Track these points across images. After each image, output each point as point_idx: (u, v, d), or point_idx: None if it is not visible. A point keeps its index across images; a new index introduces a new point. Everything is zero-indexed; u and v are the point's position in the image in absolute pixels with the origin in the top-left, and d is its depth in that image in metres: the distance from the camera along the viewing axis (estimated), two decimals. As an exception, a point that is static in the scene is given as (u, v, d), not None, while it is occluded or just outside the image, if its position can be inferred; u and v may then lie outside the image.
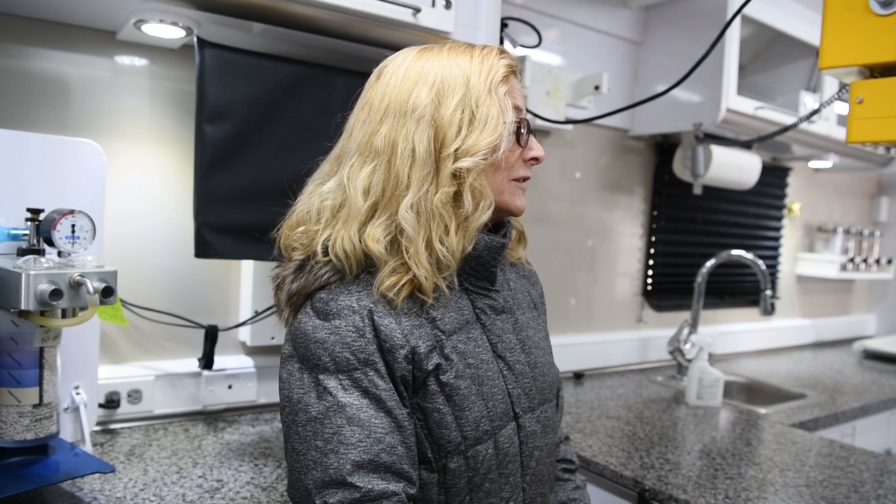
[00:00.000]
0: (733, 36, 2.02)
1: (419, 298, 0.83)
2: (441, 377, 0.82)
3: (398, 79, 0.85)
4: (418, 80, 0.84)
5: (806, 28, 2.22)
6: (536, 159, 0.92)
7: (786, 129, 1.80)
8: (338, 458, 0.76)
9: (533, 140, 0.92)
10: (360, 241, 0.81)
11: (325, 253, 0.83)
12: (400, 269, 0.81)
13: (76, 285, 0.95)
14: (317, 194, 0.87)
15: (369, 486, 0.76)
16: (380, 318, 0.80)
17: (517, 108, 0.89)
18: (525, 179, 0.92)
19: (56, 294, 0.93)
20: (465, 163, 0.82)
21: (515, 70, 0.90)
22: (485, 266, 0.89)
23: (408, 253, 0.81)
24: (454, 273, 0.85)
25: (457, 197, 0.83)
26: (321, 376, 0.79)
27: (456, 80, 0.84)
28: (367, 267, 0.83)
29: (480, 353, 0.87)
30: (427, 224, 0.81)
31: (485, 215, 0.85)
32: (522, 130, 0.89)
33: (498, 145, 0.84)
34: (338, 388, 0.78)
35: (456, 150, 0.82)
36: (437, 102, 0.83)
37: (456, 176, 0.82)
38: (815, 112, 1.75)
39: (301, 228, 0.86)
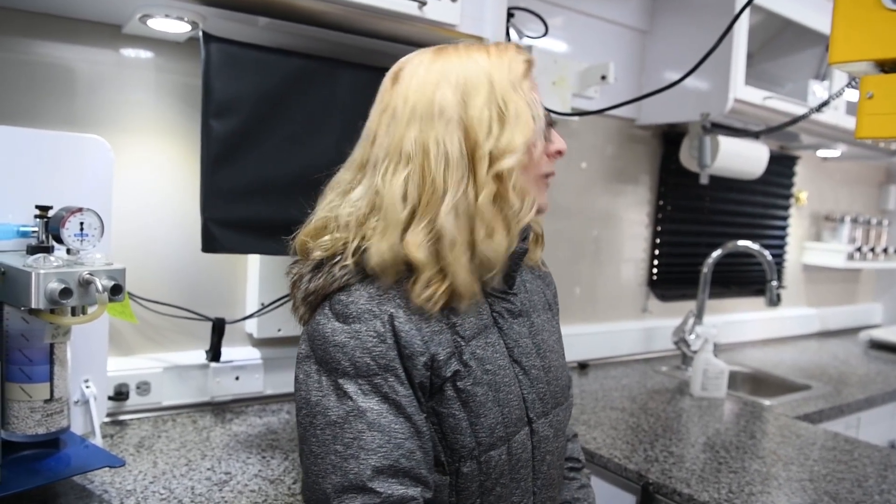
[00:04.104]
0: (742, 25, 2.00)
1: (444, 305, 0.82)
2: (458, 384, 0.82)
3: (419, 81, 0.84)
4: (440, 81, 0.82)
5: (815, 16, 2.20)
6: (560, 152, 0.91)
7: (794, 121, 1.78)
8: (358, 463, 0.76)
9: (554, 133, 0.91)
10: (401, 248, 0.79)
11: (355, 255, 0.82)
12: (436, 279, 0.80)
13: (85, 283, 0.96)
14: (344, 202, 0.85)
15: (389, 492, 0.76)
16: (400, 325, 0.79)
17: (540, 103, 0.88)
18: (549, 175, 0.91)
19: (66, 293, 0.93)
20: (507, 162, 0.80)
21: (533, 65, 0.89)
22: (506, 271, 0.89)
23: (447, 258, 0.79)
24: (499, 274, 0.84)
25: (497, 197, 0.82)
26: (340, 380, 0.78)
27: (478, 78, 0.82)
28: (401, 276, 0.82)
29: (498, 358, 0.87)
30: (469, 226, 0.80)
31: (530, 214, 0.84)
32: (549, 124, 0.89)
33: (534, 141, 0.84)
34: (357, 392, 0.78)
35: (491, 149, 0.80)
36: (464, 102, 0.81)
37: (498, 176, 0.81)
38: (824, 104, 1.73)
39: (326, 237, 0.84)
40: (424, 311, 0.81)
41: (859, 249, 3.14)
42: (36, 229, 1.04)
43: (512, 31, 1.86)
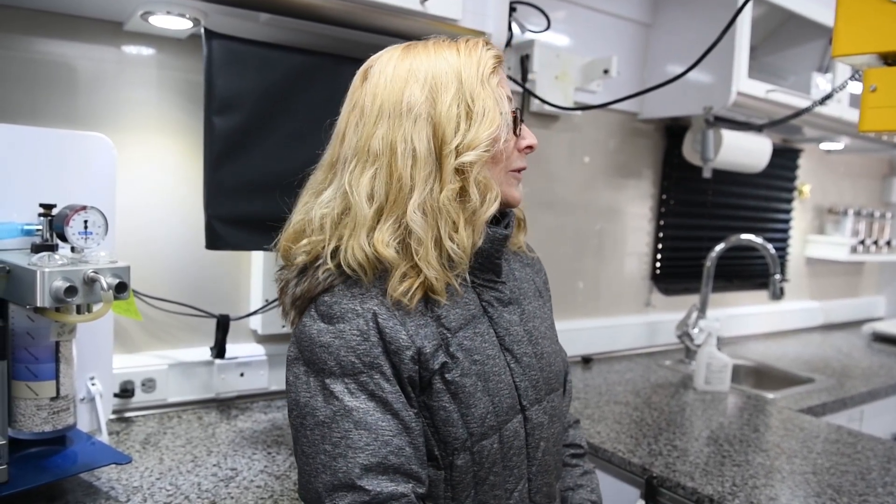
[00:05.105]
0: (745, 18, 2.00)
1: (425, 297, 0.83)
2: (446, 376, 0.83)
3: (387, 78, 0.84)
4: (409, 79, 0.83)
5: (818, 9, 2.19)
6: (531, 147, 0.92)
7: (797, 114, 1.78)
8: (346, 462, 0.77)
9: (525, 128, 0.92)
10: (370, 247, 0.80)
11: (333, 257, 0.83)
12: (411, 273, 0.81)
13: (90, 282, 0.96)
14: (316, 204, 0.86)
15: (378, 489, 0.77)
16: (384, 321, 0.80)
17: (509, 99, 0.89)
18: (521, 170, 0.93)
19: (71, 291, 0.94)
20: (467, 157, 0.81)
21: (502, 61, 0.89)
22: (489, 258, 0.89)
23: (417, 255, 0.80)
24: (466, 270, 0.85)
25: (462, 192, 0.83)
26: (327, 380, 0.79)
27: (447, 76, 0.83)
28: (381, 272, 0.83)
29: (486, 348, 0.87)
30: (435, 223, 0.81)
31: (492, 208, 0.85)
32: (520, 120, 0.90)
33: (498, 136, 0.85)
34: (344, 392, 0.79)
35: (457, 145, 0.81)
36: (432, 99, 0.82)
37: (460, 171, 0.82)
38: (828, 97, 1.73)
39: (304, 241, 0.85)
40: (406, 306, 0.81)
41: (862, 242, 3.14)
42: (40, 227, 1.04)
43: (514, 26, 1.86)
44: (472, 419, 0.84)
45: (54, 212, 1.04)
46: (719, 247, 2.27)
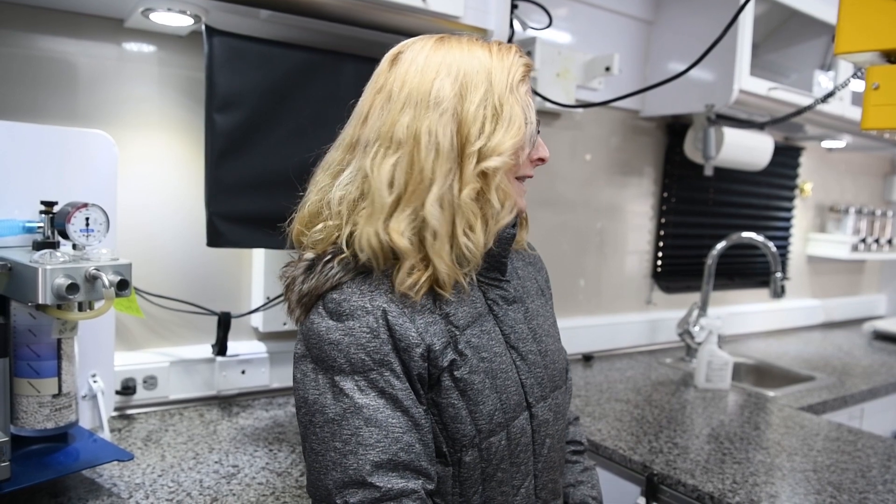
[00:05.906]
0: (747, 16, 1.99)
1: (433, 295, 0.83)
2: (455, 373, 0.83)
3: (418, 67, 0.83)
4: (440, 71, 0.83)
5: (821, 6, 2.18)
6: (542, 160, 0.92)
7: (799, 111, 1.78)
8: (357, 458, 0.77)
9: (540, 140, 0.92)
10: (385, 234, 0.80)
11: (349, 245, 0.82)
12: (419, 266, 0.81)
13: (92, 279, 0.97)
14: (335, 186, 0.85)
15: (389, 486, 0.77)
16: (394, 318, 0.80)
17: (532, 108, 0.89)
18: (528, 178, 0.92)
19: (73, 288, 0.94)
20: (492, 162, 0.81)
21: (531, 69, 0.89)
22: (496, 257, 0.90)
23: (432, 248, 0.80)
24: (476, 269, 0.85)
25: (481, 195, 0.83)
26: (337, 377, 0.79)
27: (478, 75, 0.83)
28: (391, 266, 0.82)
29: (494, 345, 0.88)
30: (452, 218, 0.81)
31: (510, 216, 0.85)
32: (539, 131, 0.90)
33: (523, 146, 0.85)
34: (354, 389, 0.78)
35: (480, 147, 0.81)
36: (461, 96, 0.81)
37: (483, 175, 0.82)
38: (830, 95, 1.73)
39: (319, 226, 0.85)
40: (412, 301, 0.81)
41: (864, 240, 3.14)
42: (41, 225, 1.04)
43: (515, 23, 1.85)
44: (481, 416, 0.84)
45: (56, 209, 1.04)
46: (720, 245, 2.27)
